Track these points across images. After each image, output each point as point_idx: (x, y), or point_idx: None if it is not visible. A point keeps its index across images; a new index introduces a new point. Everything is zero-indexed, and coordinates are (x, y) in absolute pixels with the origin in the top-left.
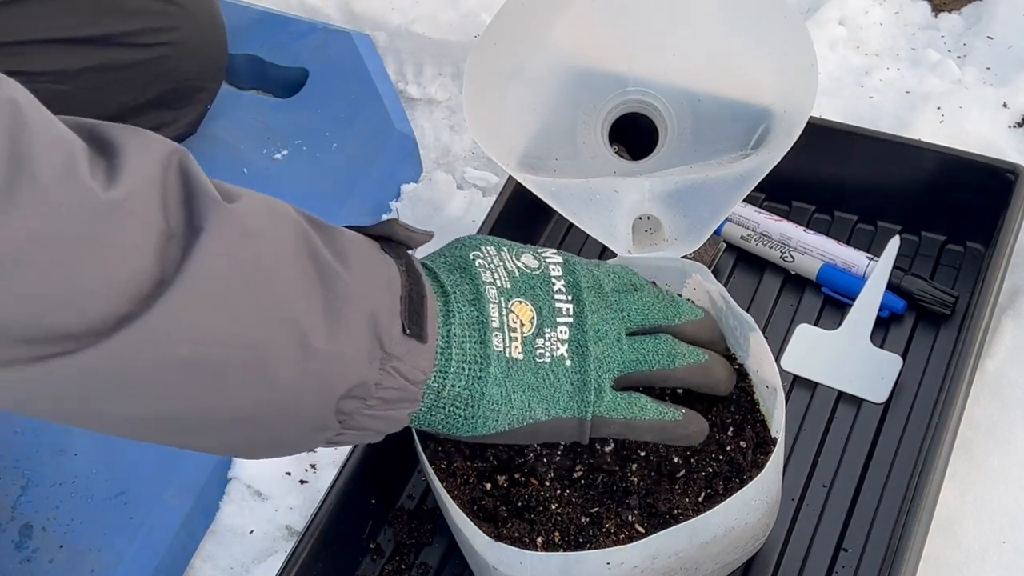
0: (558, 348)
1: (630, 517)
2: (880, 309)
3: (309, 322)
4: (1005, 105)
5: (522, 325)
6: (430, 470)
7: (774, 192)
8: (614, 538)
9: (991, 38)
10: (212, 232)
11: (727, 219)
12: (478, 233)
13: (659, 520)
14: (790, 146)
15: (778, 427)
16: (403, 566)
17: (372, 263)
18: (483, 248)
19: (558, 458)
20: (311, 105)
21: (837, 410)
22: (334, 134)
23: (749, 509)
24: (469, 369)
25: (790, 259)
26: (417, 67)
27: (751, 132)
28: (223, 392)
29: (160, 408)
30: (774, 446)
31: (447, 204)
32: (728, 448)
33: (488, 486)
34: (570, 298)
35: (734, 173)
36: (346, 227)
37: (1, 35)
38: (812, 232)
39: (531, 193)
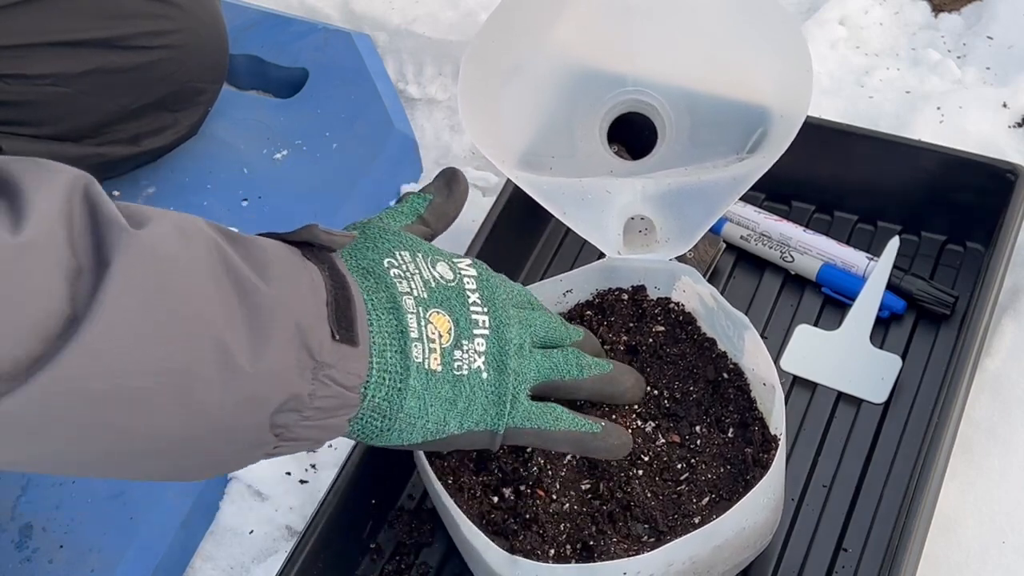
0: (475, 360)
1: (637, 525)
2: (880, 309)
3: (232, 341)
4: (1005, 105)
5: (440, 336)
6: (438, 486)
7: (774, 192)
8: (624, 544)
9: (991, 38)
10: (121, 263)
11: (727, 219)
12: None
13: (667, 525)
14: (783, 150)
15: (778, 425)
16: (403, 566)
17: (293, 271)
18: (397, 254)
19: (563, 472)
20: (311, 105)
21: (837, 410)
22: (334, 134)
23: (759, 508)
24: (390, 380)
25: (790, 259)
26: (417, 67)
27: (748, 136)
28: (149, 421)
29: (87, 445)
30: (775, 444)
31: None
32: (729, 448)
33: (496, 499)
34: (486, 310)
35: (727, 176)
36: (262, 234)
37: (1, 38)
38: (812, 232)
39: None
